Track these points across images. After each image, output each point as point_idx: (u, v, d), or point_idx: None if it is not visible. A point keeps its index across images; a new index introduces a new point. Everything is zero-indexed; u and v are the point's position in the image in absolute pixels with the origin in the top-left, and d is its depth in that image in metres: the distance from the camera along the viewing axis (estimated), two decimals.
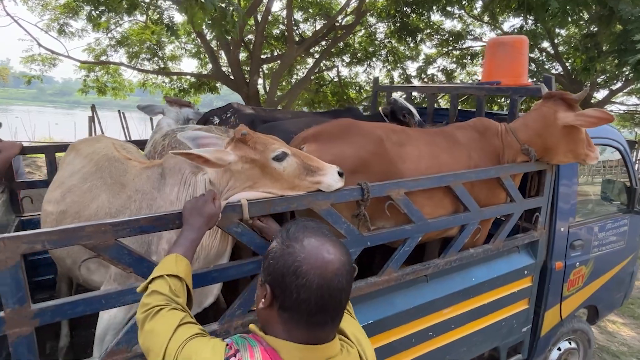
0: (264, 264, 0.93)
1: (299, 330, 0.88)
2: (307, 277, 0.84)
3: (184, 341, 0.91)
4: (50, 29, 10.94)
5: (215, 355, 0.87)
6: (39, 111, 50.01)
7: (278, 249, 0.91)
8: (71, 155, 2.09)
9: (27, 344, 1.19)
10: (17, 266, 1.14)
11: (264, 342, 0.89)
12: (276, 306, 0.89)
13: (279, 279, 0.87)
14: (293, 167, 1.52)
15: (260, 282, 0.95)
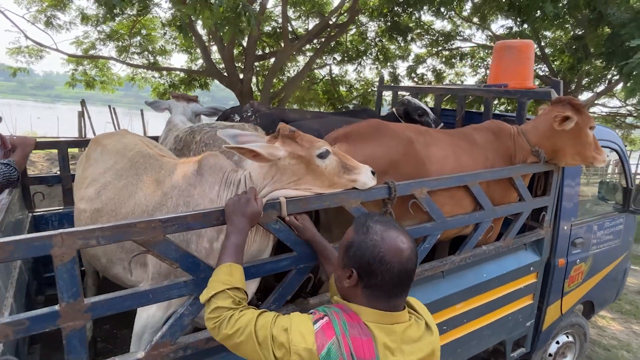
0: (349, 253, 1.09)
1: (379, 302, 1.06)
2: (390, 264, 1.04)
3: (271, 321, 1.06)
4: (37, 21, 10.70)
5: (304, 320, 1.04)
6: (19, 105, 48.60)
7: (362, 241, 1.07)
8: (97, 150, 2.06)
9: (79, 337, 1.21)
10: (72, 261, 1.15)
11: (346, 307, 1.08)
12: (361, 285, 1.07)
13: (366, 266, 1.05)
14: (333, 165, 1.56)
15: (342, 266, 1.11)
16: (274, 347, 1.01)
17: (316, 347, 0.97)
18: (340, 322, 1.01)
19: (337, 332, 0.99)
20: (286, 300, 1.64)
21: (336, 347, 0.97)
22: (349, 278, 1.08)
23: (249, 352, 1.06)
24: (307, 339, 0.99)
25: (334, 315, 1.03)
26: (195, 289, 1.38)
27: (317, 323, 1.02)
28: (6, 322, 1.11)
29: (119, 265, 1.75)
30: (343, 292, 1.13)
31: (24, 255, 1.10)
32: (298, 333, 1.00)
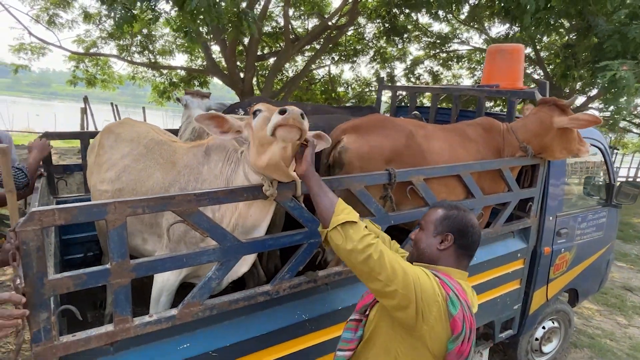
0: (444, 223, 1.43)
1: (463, 262, 1.43)
2: (475, 228, 1.43)
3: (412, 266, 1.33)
4: (40, 19, 10.85)
5: (431, 277, 1.31)
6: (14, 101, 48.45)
7: (456, 213, 1.44)
8: (111, 138, 2.27)
9: (125, 292, 1.41)
10: (122, 227, 1.35)
11: (436, 270, 1.38)
12: (455, 246, 1.41)
13: (461, 229, 1.41)
14: (260, 120, 1.55)
15: (435, 234, 1.43)
16: (422, 288, 1.24)
17: (442, 299, 1.26)
18: (448, 280, 1.32)
19: (450, 286, 1.30)
20: (298, 271, 1.84)
21: (454, 295, 1.27)
22: (443, 241, 1.41)
23: (402, 286, 1.24)
24: (439, 290, 1.27)
25: (441, 275, 1.34)
26: (222, 256, 1.58)
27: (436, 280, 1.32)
28: (69, 275, 1.31)
29: (139, 237, 1.97)
30: (432, 257, 1.42)
31: (85, 219, 1.30)
32: (436, 285, 1.27)
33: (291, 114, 1.36)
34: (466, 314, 1.27)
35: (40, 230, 1.22)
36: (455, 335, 1.24)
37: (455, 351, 1.25)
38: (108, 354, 1.47)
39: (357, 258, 1.27)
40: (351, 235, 1.30)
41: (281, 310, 1.86)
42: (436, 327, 1.25)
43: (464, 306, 1.27)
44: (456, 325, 1.24)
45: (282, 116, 1.36)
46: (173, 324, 1.54)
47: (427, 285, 1.25)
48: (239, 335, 1.72)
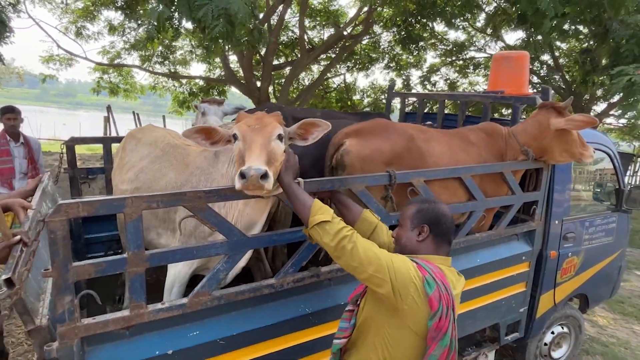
0: (419, 216, 1.56)
1: (442, 248, 1.56)
2: (447, 216, 1.56)
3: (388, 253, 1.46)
4: (68, 31, 11.37)
5: (408, 261, 1.44)
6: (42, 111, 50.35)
7: (428, 206, 1.58)
8: (132, 142, 2.47)
9: (139, 280, 1.55)
10: (138, 219, 1.49)
11: (416, 257, 1.49)
12: (432, 235, 1.53)
13: (435, 219, 1.54)
14: (236, 150, 1.63)
15: (412, 227, 1.56)
16: (395, 268, 1.38)
17: (420, 280, 1.39)
18: (425, 264, 1.45)
19: (427, 269, 1.42)
20: (301, 266, 1.95)
21: (430, 277, 1.39)
22: (421, 233, 1.54)
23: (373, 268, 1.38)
24: (415, 274, 1.39)
25: (419, 260, 1.47)
26: (229, 249, 1.70)
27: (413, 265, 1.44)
28: (90, 263, 1.45)
29: (153, 232, 2.12)
30: (413, 248, 1.55)
31: (105, 211, 1.45)
32: (412, 268, 1.41)
33: (249, 181, 1.44)
34: (442, 293, 1.38)
35: (66, 221, 1.37)
36: (433, 312, 1.36)
37: (434, 327, 1.36)
38: (124, 338, 1.61)
39: (334, 251, 1.46)
40: (327, 231, 1.47)
41: (286, 303, 1.97)
42: (415, 306, 1.38)
43: (440, 286, 1.39)
44: (433, 304, 1.36)
45: (242, 181, 1.46)
46: (184, 311, 1.67)
47: (401, 267, 1.39)
48: (246, 325, 1.84)
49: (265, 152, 1.55)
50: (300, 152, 2.03)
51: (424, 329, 1.38)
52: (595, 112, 13.50)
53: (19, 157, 4.30)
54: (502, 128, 2.80)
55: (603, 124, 15.60)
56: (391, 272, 1.37)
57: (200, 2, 3.93)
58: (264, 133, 1.61)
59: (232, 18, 3.90)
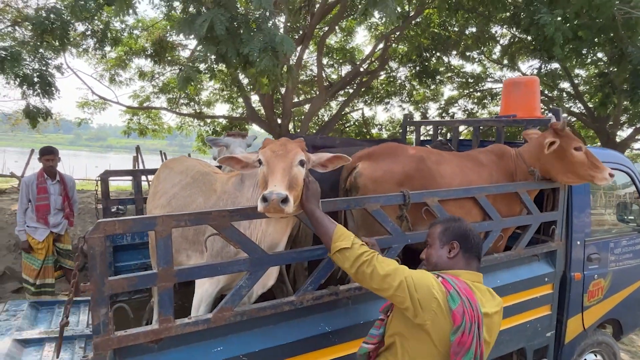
0: (447, 233, 1.61)
1: (473, 261, 1.60)
2: (474, 231, 1.63)
3: (407, 271, 1.50)
4: (102, 79, 12.20)
5: (430, 274, 1.51)
6: (75, 155, 53.03)
7: (454, 224, 1.63)
8: (165, 172, 2.66)
9: (168, 294, 1.65)
10: (168, 237, 1.62)
11: (445, 273, 1.55)
12: (462, 251, 1.58)
13: (464, 234, 1.60)
14: (260, 175, 1.78)
15: (441, 245, 1.62)
16: (415, 285, 1.44)
17: (444, 295, 1.43)
18: (451, 279, 1.49)
19: (452, 284, 1.46)
20: (320, 284, 2.02)
21: (455, 292, 1.43)
22: (451, 250, 1.59)
23: (394, 287, 1.45)
24: (437, 289, 1.44)
25: (446, 276, 1.51)
26: (251, 266, 1.80)
27: (438, 279, 1.49)
28: (124, 277, 1.57)
29: (183, 254, 2.24)
30: (445, 266, 1.59)
31: (138, 229, 1.58)
32: (432, 283, 1.45)
33: (271, 204, 1.56)
34: (467, 308, 1.41)
35: (104, 237, 1.51)
36: (455, 326, 1.39)
37: (456, 342, 1.39)
38: (153, 352, 1.70)
39: (355, 275, 1.57)
40: (347, 258, 1.56)
41: (306, 321, 2.03)
42: (437, 321, 1.42)
43: (465, 301, 1.42)
44: (456, 318, 1.39)
45: (264, 205, 1.59)
46: (208, 326, 1.75)
47: (421, 283, 1.45)
48: (267, 342, 1.90)
49: (287, 177, 1.67)
50: (318, 176, 2.15)
51: (447, 344, 1.42)
52: (620, 137, 13.27)
53: (54, 194, 4.58)
54: (510, 149, 2.87)
55: (631, 149, 15.25)
56: (411, 289, 1.43)
57: (246, 38, 4.14)
58: (286, 159, 1.74)
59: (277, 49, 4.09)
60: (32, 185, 4.49)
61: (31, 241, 4.45)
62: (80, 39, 9.41)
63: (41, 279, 4.50)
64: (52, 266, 4.59)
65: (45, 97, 5.56)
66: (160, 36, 10.79)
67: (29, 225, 4.46)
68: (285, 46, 4.08)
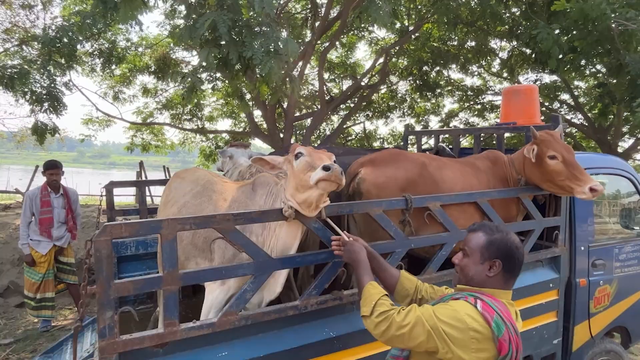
0: (490, 249, 1.47)
1: (509, 283, 1.49)
2: (520, 249, 1.49)
3: (432, 312, 1.38)
4: (106, 96, 12.37)
5: (466, 305, 1.37)
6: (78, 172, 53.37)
7: (501, 238, 1.48)
8: (177, 181, 2.69)
9: (173, 298, 1.66)
10: (173, 240, 1.64)
11: (481, 292, 1.45)
12: (504, 270, 1.46)
13: (509, 253, 1.46)
14: (302, 163, 1.82)
15: (482, 261, 1.48)
16: (445, 330, 1.33)
17: (486, 323, 1.33)
18: (491, 302, 1.39)
19: (495, 308, 1.36)
20: (324, 288, 2.02)
21: (498, 318, 1.34)
22: (492, 268, 1.46)
23: (422, 340, 1.35)
24: (477, 318, 1.34)
25: (485, 297, 1.41)
26: (256, 270, 1.81)
27: (477, 305, 1.37)
28: (130, 280, 1.58)
29: (192, 262, 2.24)
30: (481, 283, 1.48)
31: (145, 232, 1.60)
32: (467, 316, 1.34)
33: (333, 172, 1.65)
34: (512, 335, 1.33)
35: (111, 240, 1.53)
36: (502, 356, 1.31)
37: None
38: (158, 356, 1.70)
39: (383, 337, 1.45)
40: (368, 325, 1.48)
41: (310, 326, 2.02)
42: (480, 354, 1.32)
43: (509, 327, 1.34)
44: (503, 347, 1.31)
45: (326, 172, 1.66)
46: (213, 330, 1.75)
47: (454, 327, 1.33)
48: (272, 347, 1.89)
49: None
50: None
51: None
52: (622, 148, 13.28)
53: (58, 207, 4.62)
54: (504, 156, 2.93)
55: (634, 160, 15.25)
56: (441, 341, 1.33)
57: (249, 41, 4.11)
58: (326, 153, 1.87)
59: (280, 52, 4.04)
60: (35, 199, 4.53)
61: (34, 254, 4.47)
62: (87, 57, 9.61)
63: (41, 293, 4.50)
64: (52, 280, 4.60)
65: (53, 113, 5.66)
66: (164, 53, 10.99)
67: (32, 238, 4.49)
68: (289, 49, 4.09)
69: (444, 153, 3.65)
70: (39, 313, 4.58)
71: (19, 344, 4.32)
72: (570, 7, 5.53)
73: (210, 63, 4.18)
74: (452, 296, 1.49)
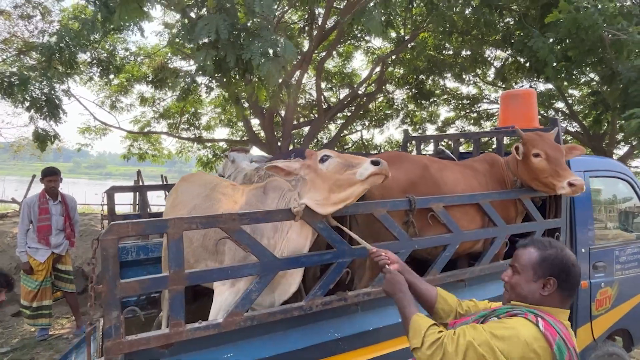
0: (543, 266, 1.38)
1: (566, 301, 1.39)
2: (577, 267, 1.39)
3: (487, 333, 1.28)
4: (104, 105, 12.38)
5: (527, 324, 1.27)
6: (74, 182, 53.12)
7: (556, 254, 1.38)
8: (184, 185, 2.70)
9: (180, 297, 1.65)
10: (180, 239, 1.63)
11: (541, 310, 1.35)
12: (559, 289, 1.36)
13: (564, 270, 1.36)
14: (333, 164, 1.88)
15: (535, 279, 1.38)
16: (502, 350, 1.23)
17: (548, 345, 1.24)
18: (554, 322, 1.30)
19: (557, 330, 1.27)
20: (329, 289, 2.02)
21: (561, 341, 1.25)
22: (545, 286, 1.37)
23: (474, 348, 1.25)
24: (539, 338, 1.25)
25: (546, 316, 1.31)
26: (261, 270, 1.81)
27: (539, 325, 1.27)
28: (136, 280, 1.58)
29: (202, 264, 2.23)
30: (536, 302, 1.38)
31: (151, 232, 1.61)
32: (528, 335, 1.24)
33: (384, 165, 1.77)
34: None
35: (117, 239, 1.52)
36: None
37: None
38: (164, 357, 1.68)
39: None
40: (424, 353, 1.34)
41: (315, 327, 2.02)
42: None
43: (572, 353, 1.25)
44: None
45: (377, 167, 1.78)
46: (219, 330, 1.74)
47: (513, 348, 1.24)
48: (277, 348, 1.88)
49: None
50: None
51: None
52: (617, 155, 13.40)
53: (56, 214, 4.59)
54: (500, 158, 2.96)
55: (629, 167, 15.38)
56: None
57: (247, 44, 4.12)
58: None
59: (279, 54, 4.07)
60: (33, 206, 4.51)
61: (32, 262, 4.43)
62: (85, 67, 9.63)
63: (38, 302, 4.46)
64: (49, 287, 4.55)
65: (52, 120, 5.65)
66: (161, 62, 11.04)
67: (30, 246, 4.45)
68: (287, 52, 4.12)
69: (444, 155, 3.67)
70: (36, 322, 4.52)
71: (15, 353, 4.26)
72: (563, 18, 5.62)
73: (207, 65, 4.20)
74: (509, 310, 1.38)
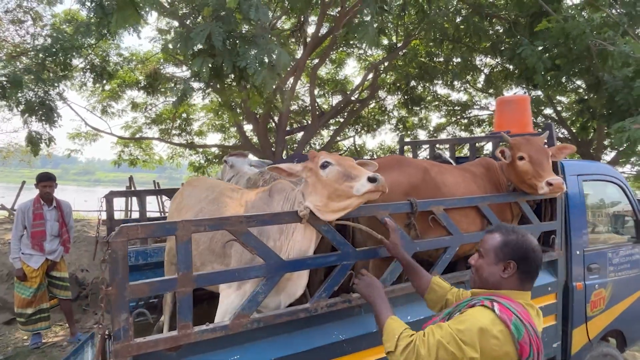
0: (505, 250, 1.45)
1: (527, 284, 1.46)
2: (537, 252, 1.46)
3: (450, 328, 1.32)
4: (95, 110, 12.28)
5: (482, 312, 1.33)
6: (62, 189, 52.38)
7: (517, 239, 1.45)
8: (189, 189, 2.70)
9: (187, 300, 1.66)
10: (188, 241, 1.64)
11: (498, 294, 1.43)
12: (518, 272, 1.43)
13: (524, 255, 1.43)
14: (333, 173, 1.86)
15: (496, 262, 1.46)
16: (465, 342, 1.27)
17: (505, 326, 1.29)
18: (508, 303, 1.36)
19: (512, 310, 1.33)
20: (333, 291, 2.03)
21: (517, 320, 1.31)
22: (506, 269, 1.44)
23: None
24: (496, 322, 1.30)
25: (501, 299, 1.38)
26: (268, 272, 1.82)
27: (495, 309, 1.33)
28: (145, 282, 1.58)
29: (209, 267, 2.24)
30: (496, 284, 1.46)
31: (160, 234, 1.61)
32: (486, 322, 1.30)
33: (381, 183, 1.74)
34: (532, 336, 1.31)
35: (127, 242, 1.53)
36: (524, 359, 1.29)
37: None
38: (172, 359, 1.68)
39: None
40: (398, 357, 1.37)
41: (320, 330, 2.03)
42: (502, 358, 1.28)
43: (529, 329, 1.31)
44: (524, 349, 1.28)
45: (373, 184, 1.74)
46: (226, 333, 1.75)
47: (477, 340, 1.28)
48: (283, 350, 1.90)
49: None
50: None
51: None
52: (605, 161, 13.66)
53: (50, 220, 4.54)
54: (495, 162, 3.03)
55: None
56: (467, 355, 1.27)
57: (243, 52, 4.17)
58: (351, 160, 1.94)
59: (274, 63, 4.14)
60: (27, 212, 4.45)
61: (26, 269, 4.37)
62: (77, 72, 9.57)
63: (36, 306, 4.39)
64: (46, 291, 4.50)
65: (47, 123, 5.60)
66: (154, 68, 11.01)
67: (24, 252, 4.39)
68: (281, 60, 4.19)
69: (442, 160, 3.73)
70: (34, 327, 4.45)
71: None
72: (552, 27, 5.76)
73: (203, 72, 4.23)
74: (468, 302, 1.46)
